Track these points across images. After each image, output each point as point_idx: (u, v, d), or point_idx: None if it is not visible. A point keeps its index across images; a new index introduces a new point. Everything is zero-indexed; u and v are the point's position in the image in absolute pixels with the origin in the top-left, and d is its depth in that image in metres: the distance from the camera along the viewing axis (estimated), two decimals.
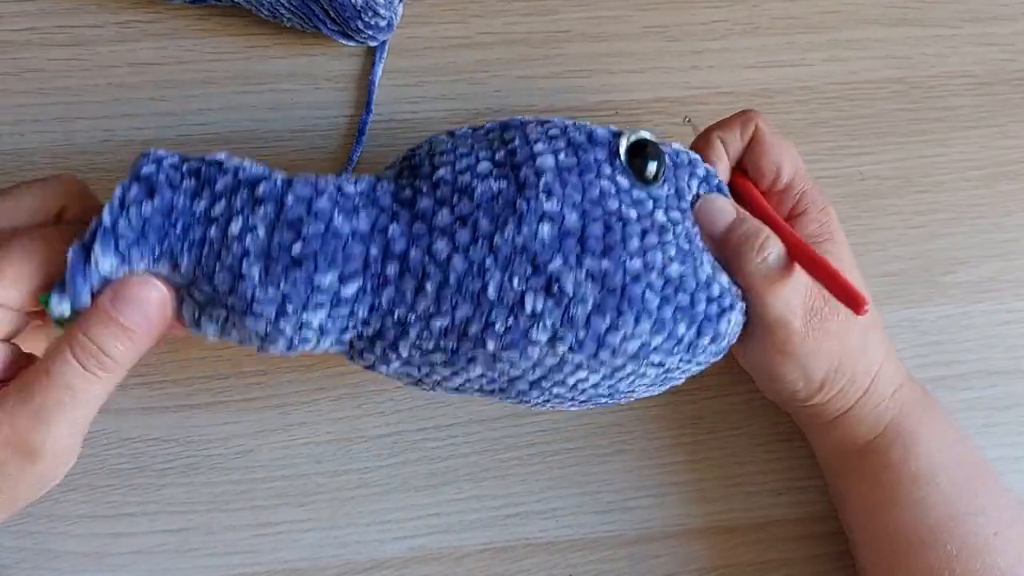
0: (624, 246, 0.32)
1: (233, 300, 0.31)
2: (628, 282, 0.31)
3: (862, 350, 0.39)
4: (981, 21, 0.50)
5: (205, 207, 0.31)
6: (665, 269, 0.32)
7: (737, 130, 0.39)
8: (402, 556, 0.43)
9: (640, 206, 0.33)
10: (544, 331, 0.31)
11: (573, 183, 0.32)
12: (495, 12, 0.48)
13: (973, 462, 0.40)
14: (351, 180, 0.33)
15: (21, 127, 0.46)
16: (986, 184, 0.48)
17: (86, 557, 0.43)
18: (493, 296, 0.31)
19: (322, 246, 0.31)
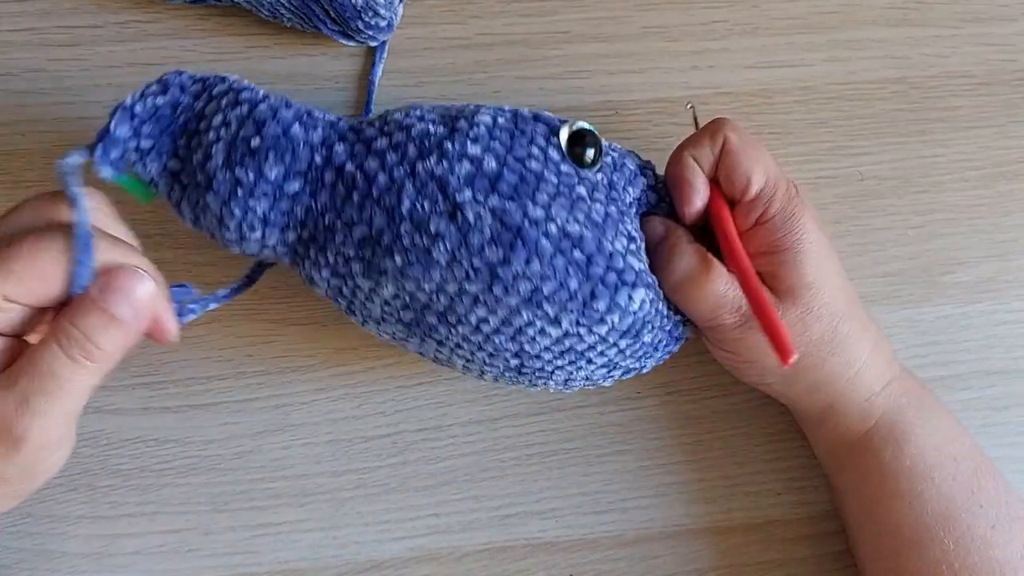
0: (532, 196, 0.35)
1: (201, 177, 0.36)
2: (526, 225, 0.35)
3: (831, 345, 0.39)
4: (981, 21, 0.50)
5: (202, 105, 0.37)
6: (566, 226, 0.35)
7: (707, 145, 0.39)
8: (401, 556, 0.43)
9: (564, 176, 0.37)
10: (443, 253, 0.35)
11: (502, 140, 0.36)
12: (494, 13, 0.48)
13: (972, 458, 0.40)
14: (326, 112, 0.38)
15: (21, 127, 0.46)
16: (985, 184, 0.48)
17: (86, 557, 0.43)
18: (405, 213, 0.35)
19: (275, 144, 0.36)
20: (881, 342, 0.41)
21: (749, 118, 0.48)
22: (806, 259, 0.38)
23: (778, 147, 0.48)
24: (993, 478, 0.39)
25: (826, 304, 0.38)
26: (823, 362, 0.39)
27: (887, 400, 0.40)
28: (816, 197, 0.47)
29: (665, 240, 0.39)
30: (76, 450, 0.43)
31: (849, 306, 0.39)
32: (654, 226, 0.40)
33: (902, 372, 0.41)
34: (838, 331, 0.39)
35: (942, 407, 0.41)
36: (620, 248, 0.36)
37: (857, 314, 0.40)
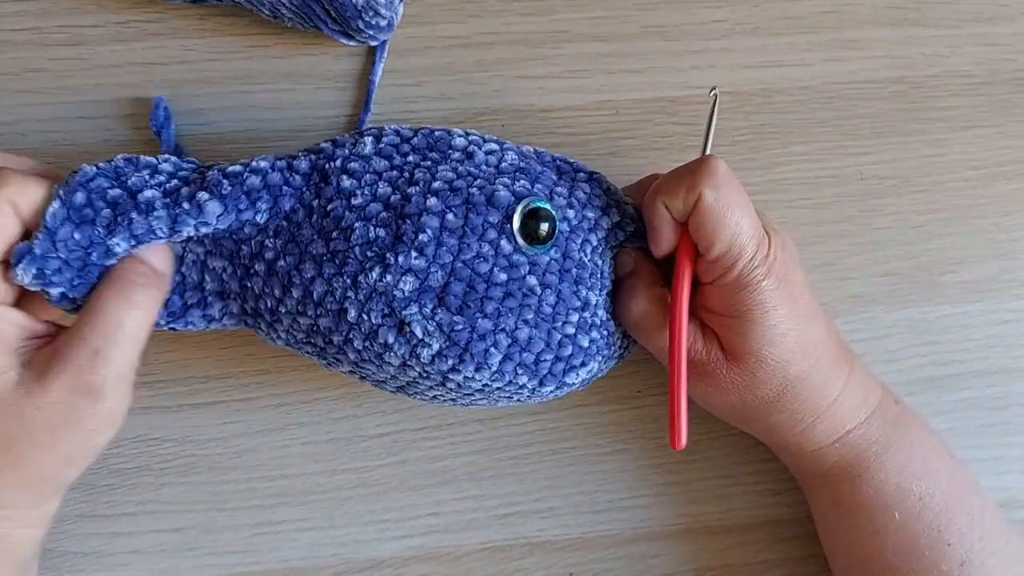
0: (480, 306, 0.35)
1: None
2: (474, 339, 0.35)
3: (776, 405, 0.39)
4: (981, 21, 0.50)
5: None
6: (515, 331, 0.36)
7: (680, 197, 0.37)
8: (400, 555, 0.43)
9: (513, 270, 0.36)
10: (395, 357, 0.35)
11: (449, 245, 0.35)
12: (494, 12, 0.48)
13: (944, 495, 0.39)
14: (268, 163, 0.37)
15: (21, 127, 0.46)
16: (985, 184, 0.48)
17: (85, 557, 0.43)
18: (352, 320, 0.35)
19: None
20: (852, 387, 0.39)
21: (749, 118, 0.48)
22: (755, 328, 0.37)
23: (778, 147, 0.48)
24: (968, 515, 0.39)
25: (773, 370, 0.38)
26: (768, 417, 0.39)
27: (843, 447, 0.39)
28: (816, 197, 0.47)
29: (630, 276, 0.39)
30: None
31: (810, 364, 0.38)
32: (624, 260, 0.40)
33: (874, 412, 0.40)
34: (785, 394, 0.38)
35: (922, 441, 0.40)
36: (571, 330, 0.37)
37: (821, 367, 0.38)
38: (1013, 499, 0.45)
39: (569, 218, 0.38)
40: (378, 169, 0.36)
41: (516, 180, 0.37)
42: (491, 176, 0.37)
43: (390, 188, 0.36)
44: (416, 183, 0.36)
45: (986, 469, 0.45)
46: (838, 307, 0.46)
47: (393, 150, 0.37)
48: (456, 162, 0.37)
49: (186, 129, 0.46)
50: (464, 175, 0.36)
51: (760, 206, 0.47)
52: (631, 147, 0.47)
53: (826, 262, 0.47)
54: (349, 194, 0.36)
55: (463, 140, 0.38)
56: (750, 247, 0.37)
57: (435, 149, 0.37)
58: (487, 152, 0.38)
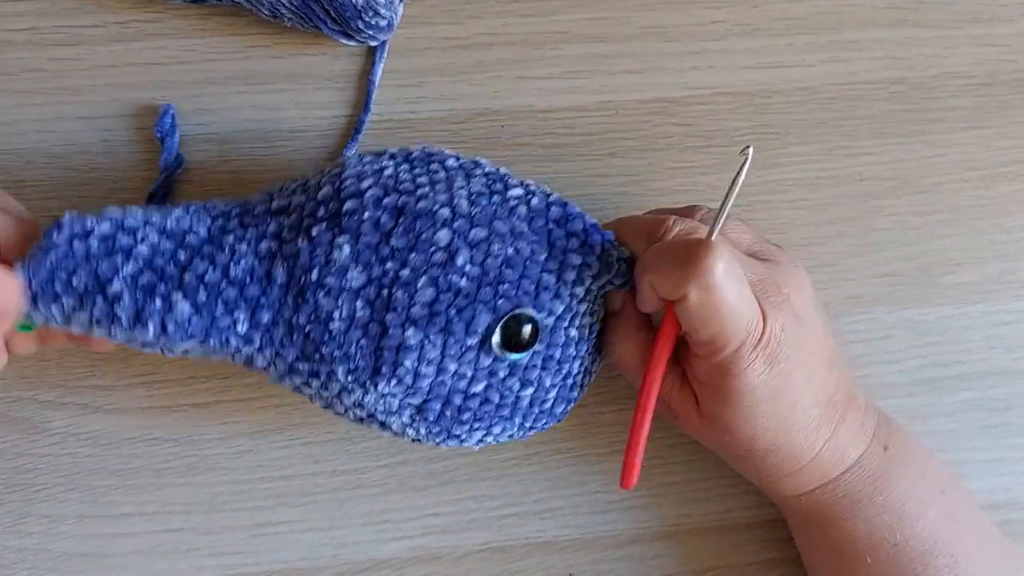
0: (457, 415, 0.36)
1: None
2: (446, 439, 0.37)
3: (745, 462, 0.39)
4: (980, 22, 0.50)
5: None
6: (490, 429, 0.37)
7: (667, 287, 0.35)
8: (400, 556, 0.43)
9: (493, 377, 0.36)
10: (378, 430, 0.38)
11: (428, 373, 0.35)
12: (494, 13, 0.48)
13: (923, 539, 0.38)
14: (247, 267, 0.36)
15: (21, 127, 0.46)
16: (985, 185, 0.48)
17: (85, 557, 0.43)
18: (339, 412, 0.38)
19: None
20: (831, 447, 0.38)
21: (749, 118, 0.48)
22: (729, 407, 0.36)
23: (778, 147, 0.48)
24: (951, 556, 0.38)
25: (740, 440, 0.37)
26: (736, 464, 0.40)
27: (811, 500, 0.39)
28: (816, 198, 0.47)
29: (617, 315, 0.39)
30: (75, 449, 0.43)
31: (783, 437, 0.37)
32: (613, 299, 0.39)
33: (852, 467, 0.39)
34: (749, 457, 0.38)
35: (908, 484, 0.39)
36: (548, 405, 0.38)
37: (794, 438, 0.37)
38: (1014, 500, 0.45)
39: (555, 311, 0.37)
40: (355, 287, 0.35)
41: (499, 289, 0.36)
42: (472, 290, 0.35)
43: (369, 310, 0.35)
44: (394, 309, 0.35)
45: (987, 470, 0.45)
46: (838, 308, 0.46)
47: (372, 254, 0.36)
48: (437, 268, 0.35)
49: (186, 129, 0.46)
50: (444, 290, 0.35)
51: (760, 206, 0.47)
52: (631, 147, 0.47)
53: (826, 263, 0.47)
54: (327, 318, 0.35)
55: (447, 233, 0.35)
56: (735, 341, 0.35)
57: (416, 249, 0.35)
58: (472, 245, 0.36)
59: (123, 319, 0.35)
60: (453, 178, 0.37)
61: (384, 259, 0.35)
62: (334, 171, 0.38)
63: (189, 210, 0.38)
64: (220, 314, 0.35)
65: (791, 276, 0.38)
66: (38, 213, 0.45)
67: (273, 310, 0.36)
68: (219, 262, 0.36)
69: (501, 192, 0.37)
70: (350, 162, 0.38)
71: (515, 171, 0.46)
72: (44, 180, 0.45)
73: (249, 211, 0.38)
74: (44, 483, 0.43)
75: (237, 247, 0.36)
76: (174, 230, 0.37)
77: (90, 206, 0.45)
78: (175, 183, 0.46)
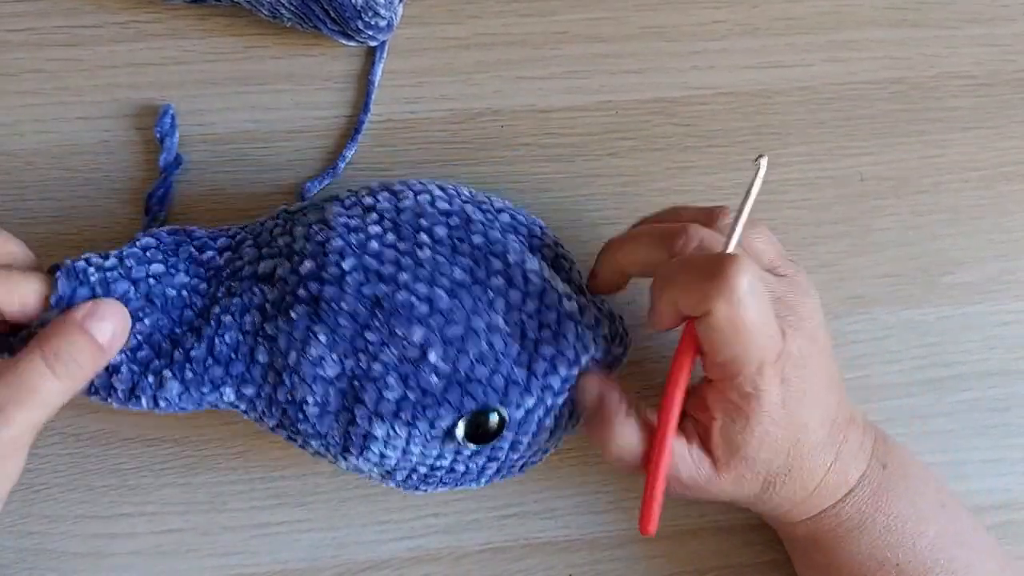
0: (424, 480, 0.38)
1: None
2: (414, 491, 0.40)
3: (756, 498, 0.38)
4: (981, 22, 0.50)
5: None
6: (455, 487, 0.39)
7: (691, 303, 0.34)
8: (400, 556, 0.43)
9: (459, 454, 0.37)
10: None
11: (392, 455, 0.37)
12: (494, 13, 0.48)
13: (926, 556, 0.38)
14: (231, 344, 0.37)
15: (21, 127, 0.46)
16: (985, 185, 0.48)
17: (84, 558, 0.43)
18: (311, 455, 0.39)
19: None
20: (837, 469, 0.38)
21: (749, 118, 0.48)
22: (744, 435, 0.35)
23: (778, 147, 0.48)
24: (952, 572, 0.38)
25: (758, 472, 0.37)
26: (750, 503, 0.39)
27: (814, 523, 0.39)
28: (816, 198, 0.47)
29: (598, 407, 0.37)
30: (75, 450, 0.43)
31: (793, 460, 0.37)
32: (588, 388, 0.37)
33: (854, 489, 0.38)
34: (767, 490, 0.37)
35: (909, 500, 0.38)
36: (518, 472, 0.40)
37: (803, 461, 0.37)
38: (1014, 500, 0.45)
39: (525, 404, 0.36)
40: (329, 375, 0.36)
41: (468, 387, 0.36)
42: (440, 388, 0.36)
43: (340, 399, 0.36)
44: (363, 402, 0.36)
45: (987, 470, 0.45)
46: (838, 308, 0.46)
47: (347, 345, 0.36)
48: (408, 365, 0.35)
49: (186, 130, 0.46)
50: (413, 387, 0.36)
51: (760, 207, 0.47)
52: (631, 147, 0.47)
53: (826, 263, 0.47)
54: (302, 401, 0.36)
55: (422, 331, 0.35)
56: (756, 360, 0.34)
57: (390, 344, 0.36)
58: (446, 342, 0.36)
59: (119, 392, 0.37)
60: (437, 260, 0.37)
61: (358, 351, 0.36)
62: (318, 235, 0.37)
63: (189, 271, 0.38)
64: (207, 391, 0.37)
65: (807, 296, 0.37)
66: (38, 213, 0.45)
67: (256, 385, 0.37)
68: (205, 335, 0.37)
69: (483, 281, 0.37)
70: (337, 221, 0.38)
71: (515, 171, 0.47)
72: (44, 180, 0.45)
73: (237, 272, 0.38)
74: (44, 483, 0.43)
75: (223, 319, 0.37)
76: (174, 302, 0.38)
77: (90, 206, 0.45)
78: (175, 183, 0.46)
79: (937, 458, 0.45)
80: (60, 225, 0.45)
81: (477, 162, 0.47)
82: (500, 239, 0.38)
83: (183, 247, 0.39)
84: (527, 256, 0.38)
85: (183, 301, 0.38)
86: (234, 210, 0.46)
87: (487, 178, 0.47)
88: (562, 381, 0.37)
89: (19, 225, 0.45)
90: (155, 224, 0.45)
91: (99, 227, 0.45)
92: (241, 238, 0.40)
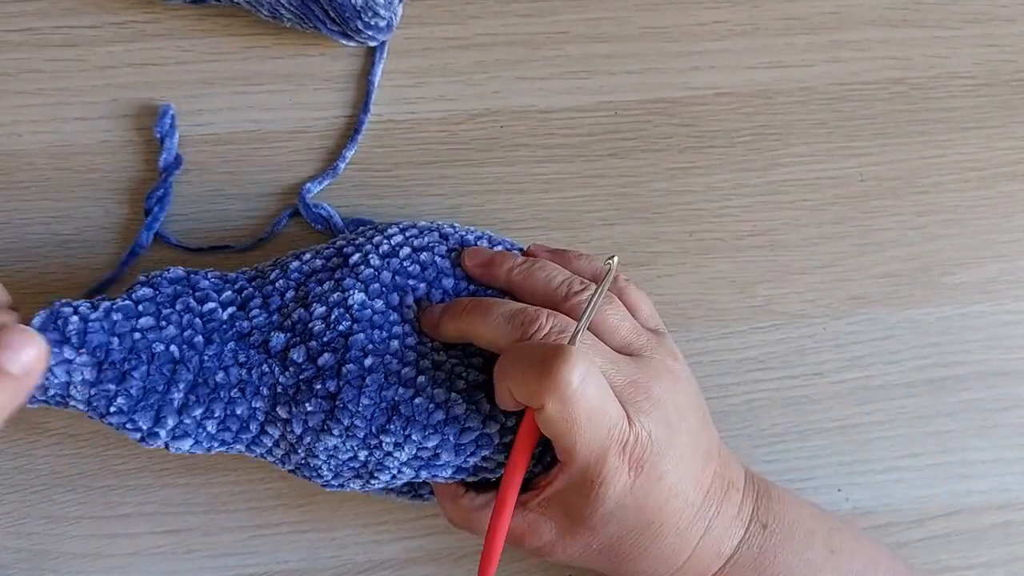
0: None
1: None
2: None
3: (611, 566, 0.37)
4: (981, 22, 0.50)
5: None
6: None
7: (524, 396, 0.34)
8: (400, 557, 0.43)
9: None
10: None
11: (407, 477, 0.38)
12: (494, 13, 0.48)
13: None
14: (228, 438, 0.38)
15: (20, 128, 0.46)
16: (986, 185, 0.48)
17: (84, 558, 0.43)
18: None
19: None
20: (711, 537, 0.37)
21: (749, 118, 0.48)
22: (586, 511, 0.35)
23: (778, 148, 0.48)
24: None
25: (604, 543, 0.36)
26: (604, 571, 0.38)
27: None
28: (816, 198, 0.47)
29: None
30: (75, 450, 0.43)
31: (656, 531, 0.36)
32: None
33: (742, 543, 0.37)
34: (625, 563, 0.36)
35: (797, 550, 0.37)
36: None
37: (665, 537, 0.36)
38: (1014, 500, 0.45)
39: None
40: (341, 459, 0.37)
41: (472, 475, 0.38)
42: (449, 474, 0.37)
43: (355, 472, 0.37)
44: (377, 479, 0.37)
45: (987, 470, 0.45)
46: (839, 308, 0.46)
47: (361, 441, 0.36)
48: (422, 461, 0.37)
49: (186, 130, 0.46)
50: (437, 467, 0.37)
51: (760, 207, 0.47)
52: (631, 148, 0.47)
53: (826, 263, 0.47)
54: (315, 467, 0.38)
55: (437, 438, 0.36)
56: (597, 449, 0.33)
57: (406, 443, 0.36)
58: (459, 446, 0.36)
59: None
60: (450, 356, 0.38)
61: (372, 448, 0.36)
62: (340, 324, 0.37)
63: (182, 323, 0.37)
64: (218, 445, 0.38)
65: (663, 372, 0.37)
66: (37, 214, 0.45)
67: (266, 449, 0.38)
68: (216, 408, 0.37)
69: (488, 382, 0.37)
70: (358, 306, 0.37)
71: (515, 171, 0.47)
72: (44, 180, 0.45)
73: (245, 336, 0.38)
74: (43, 484, 0.43)
75: (232, 394, 0.37)
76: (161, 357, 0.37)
77: (90, 206, 0.45)
78: (175, 183, 0.46)
79: (937, 458, 0.45)
80: (60, 225, 0.45)
81: (477, 162, 0.47)
82: None
83: (182, 298, 0.38)
84: None
85: (171, 356, 0.37)
86: (233, 210, 0.46)
87: (487, 178, 0.47)
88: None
89: (19, 225, 0.45)
90: (156, 224, 0.45)
91: (99, 227, 0.45)
92: (248, 295, 0.39)
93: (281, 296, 0.38)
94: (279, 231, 0.46)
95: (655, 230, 0.47)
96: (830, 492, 0.44)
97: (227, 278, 0.40)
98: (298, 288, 0.39)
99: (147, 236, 0.44)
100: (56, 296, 0.37)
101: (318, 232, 0.45)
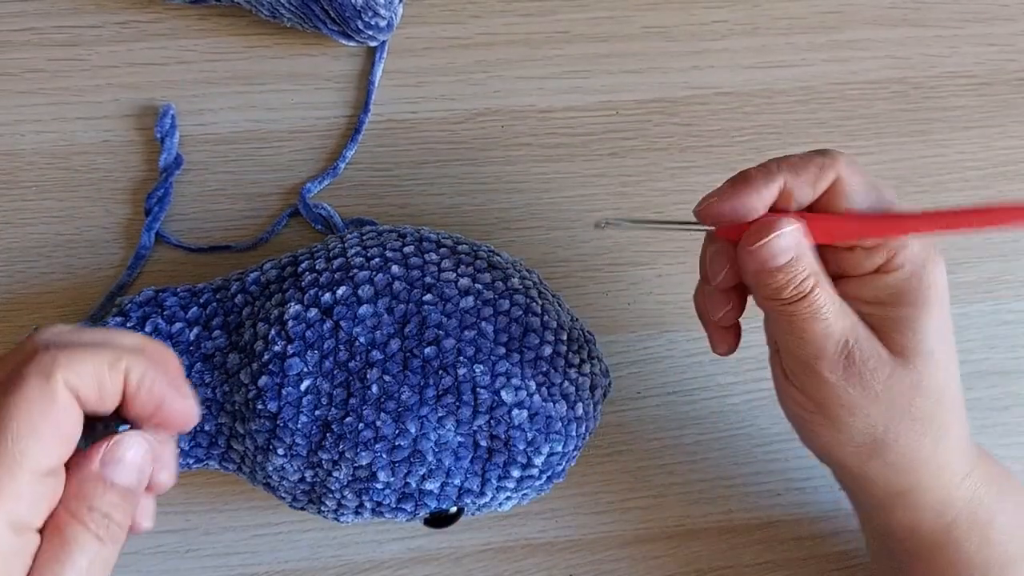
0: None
1: None
2: None
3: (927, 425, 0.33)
4: (981, 21, 0.50)
5: None
6: None
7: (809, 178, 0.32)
8: (401, 556, 0.43)
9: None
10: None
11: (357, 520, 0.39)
12: (494, 13, 0.48)
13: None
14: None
15: (21, 127, 0.46)
16: (986, 184, 0.48)
17: None
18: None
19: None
20: (965, 422, 0.35)
21: (749, 118, 0.48)
22: (930, 321, 0.32)
23: (778, 147, 0.48)
24: None
25: (937, 378, 0.33)
26: (913, 443, 0.34)
27: (970, 489, 0.35)
28: None
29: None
30: None
31: (953, 380, 0.34)
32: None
33: (981, 454, 0.36)
34: (938, 410, 0.33)
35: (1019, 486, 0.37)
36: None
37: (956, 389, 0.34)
38: None
39: (481, 503, 0.38)
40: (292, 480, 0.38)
41: (420, 499, 0.37)
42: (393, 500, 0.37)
43: (306, 498, 0.38)
44: (324, 504, 0.38)
45: None
46: None
47: (303, 462, 0.37)
48: (360, 483, 0.37)
49: (186, 129, 0.46)
50: (370, 500, 0.37)
51: None
52: (631, 147, 0.47)
53: None
54: (275, 487, 0.39)
55: (369, 455, 0.36)
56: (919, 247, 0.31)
57: (341, 464, 0.36)
58: (395, 463, 0.36)
59: None
60: (385, 381, 0.37)
61: (314, 466, 0.37)
62: (276, 344, 0.37)
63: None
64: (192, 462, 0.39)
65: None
66: (37, 214, 0.45)
67: (235, 464, 0.40)
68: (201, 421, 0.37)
69: (431, 402, 0.36)
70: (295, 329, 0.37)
71: (515, 171, 0.47)
72: (44, 180, 0.45)
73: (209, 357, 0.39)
74: None
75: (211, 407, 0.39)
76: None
77: (90, 206, 0.45)
78: (175, 183, 0.46)
79: None
80: (60, 225, 0.45)
81: (477, 162, 0.47)
82: (453, 343, 0.37)
83: (151, 319, 0.39)
84: (476, 366, 0.37)
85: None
86: (234, 210, 0.46)
87: (487, 178, 0.47)
88: (517, 481, 0.38)
89: (20, 224, 0.45)
90: (156, 224, 0.45)
91: (99, 227, 0.45)
92: (212, 311, 0.40)
93: (239, 313, 0.39)
94: (279, 231, 0.46)
95: (655, 230, 0.47)
96: (830, 492, 0.44)
97: (195, 290, 0.40)
98: (254, 302, 0.39)
99: (148, 237, 0.44)
100: (56, 296, 0.37)
101: (318, 232, 0.45)
